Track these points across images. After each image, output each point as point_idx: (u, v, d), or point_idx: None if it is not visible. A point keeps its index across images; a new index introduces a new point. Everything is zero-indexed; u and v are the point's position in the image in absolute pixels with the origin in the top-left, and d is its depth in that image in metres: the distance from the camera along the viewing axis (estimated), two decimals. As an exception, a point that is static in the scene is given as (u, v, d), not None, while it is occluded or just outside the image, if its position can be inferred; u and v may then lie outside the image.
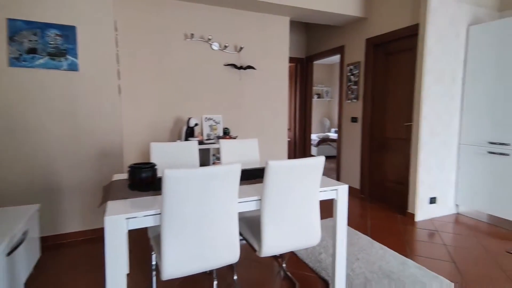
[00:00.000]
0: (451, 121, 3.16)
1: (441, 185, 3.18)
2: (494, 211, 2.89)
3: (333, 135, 7.33)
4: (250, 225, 1.80)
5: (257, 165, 2.37)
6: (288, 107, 5.50)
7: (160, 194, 1.54)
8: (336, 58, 7.03)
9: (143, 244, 2.53)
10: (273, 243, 1.53)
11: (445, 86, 3.07)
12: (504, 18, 2.79)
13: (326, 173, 5.47)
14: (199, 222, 1.32)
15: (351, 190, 4.14)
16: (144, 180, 1.68)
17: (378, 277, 1.99)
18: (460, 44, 3.10)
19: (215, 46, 3.39)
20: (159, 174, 2.01)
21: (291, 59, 5.14)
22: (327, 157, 6.98)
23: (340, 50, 4.39)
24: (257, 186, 1.73)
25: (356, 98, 4.06)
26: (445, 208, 3.24)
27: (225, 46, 3.45)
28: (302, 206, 1.58)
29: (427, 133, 3.03)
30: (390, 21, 3.53)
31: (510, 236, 2.67)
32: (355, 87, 4.08)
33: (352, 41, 4.14)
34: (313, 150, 7.03)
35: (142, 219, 1.31)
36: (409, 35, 3.26)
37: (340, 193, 1.77)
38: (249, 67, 3.54)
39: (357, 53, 4.05)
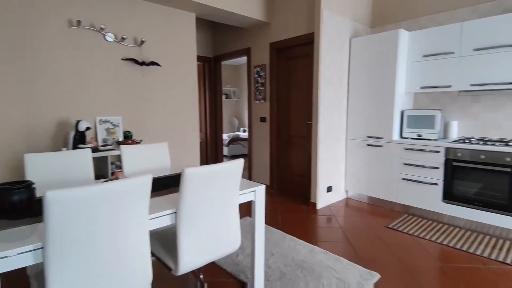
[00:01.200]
0: (341, 119, 3.67)
1: (335, 175, 3.66)
2: (373, 193, 3.52)
3: (243, 134, 7.54)
4: (162, 241, 1.63)
5: (168, 173, 2.17)
6: (198, 107, 5.34)
7: (41, 220, 1.22)
8: (242, 59, 7.24)
9: (19, 284, 1.99)
10: (191, 258, 1.42)
11: (335, 90, 3.53)
12: (373, 34, 3.41)
13: (238, 171, 5.57)
14: (99, 250, 1.09)
15: (262, 187, 4.35)
16: (17, 205, 1.30)
17: (292, 268, 2.13)
18: (345, 53, 3.61)
19: (110, 37, 2.95)
20: (39, 194, 1.60)
21: (199, 58, 5.00)
22: (238, 156, 7.14)
23: (246, 52, 4.51)
24: (170, 197, 1.57)
25: (264, 98, 4.26)
26: (339, 194, 3.76)
27: (123, 38, 3.05)
28: (221, 213, 1.52)
29: (323, 130, 3.43)
30: (290, 27, 3.82)
31: (386, 213, 3.30)
32: (262, 88, 4.27)
33: (257, 44, 4.31)
34: (224, 150, 7.08)
35: (17, 258, 1.00)
36: (306, 42, 3.61)
37: (258, 194, 1.80)
38: (153, 63, 3.24)
39: (263, 55, 4.25)
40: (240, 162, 1.53)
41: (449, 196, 2.90)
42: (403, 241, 2.59)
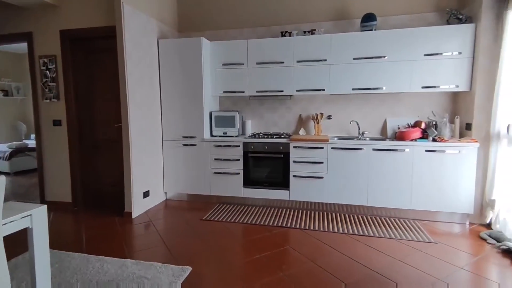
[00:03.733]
0: (155, 120, 3.59)
1: (152, 179, 3.55)
2: (191, 190, 3.70)
3: (33, 142, 5.88)
4: None
5: None
6: None
7: None
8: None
9: None
10: None
11: (146, 90, 3.41)
12: (180, 38, 3.56)
13: (25, 193, 4.31)
14: None
15: (61, 206, 3.56)
16: None
17: (96, 293, 1.84)
18: (153, 53, 3.55)
19: None
20: None
21: None
22: (29, 171, 5.52)
23: (26, 37, 3.52)
24: None
25: (57, 97, 3.48)
26: (157, 198, 3.68)
27: None
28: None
29: (136, 132, 3.23)
30: (85, 16, 3.31)
31: (202, 206, 3.54)
32: (54, 84, 3.47)
33: (43, 29, 3.45)
34: (4, 165, 5.26)
35: None
36: (107, 35, 3.24)
37: (36, 218, 1.41)
38: None
39: (51, 44, 3.44)
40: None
41: (248, 181, 3.50)
42: (214, 229, 2.86)
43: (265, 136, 3.52)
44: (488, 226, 2.83)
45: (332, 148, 3.22)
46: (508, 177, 2.59)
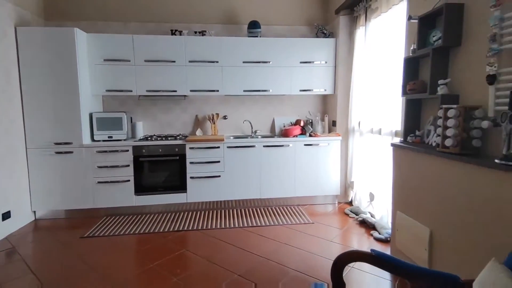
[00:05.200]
0: (15, 125, 2.92)
1: (14, 196, 2.89)
2: (69, 205, 3.17)
3: None
4: None
5: None
6: None
7: None
8: None
9: None
10: None
11: (0, 87, 2.74)
12: (48, 28, 3.01)
13: None
14: None
15: None
16: None
17: None
18: (10, 43, 2.88)
19: None
20: None
21: None
22: None
23: None
24: None
25: None
26: (22, 219, 3.03)
27: None
28: None
29: (-18, 141, 2.55)
30: None
31: (84, 223, 3.09)
32: None
33: None
34: None
35: None
36: None
37: None
38: None
39: None
40: None
41: (140, 188, 3.27)
42: (98, 246, 2.55)
43: (159, 138, 3.35)
44: (350, 203, 3.50)
45: (228, 147, 3.34)
46: (360, 162, 3.27)
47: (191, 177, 3.32)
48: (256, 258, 2.29)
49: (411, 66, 2.20)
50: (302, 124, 3.67)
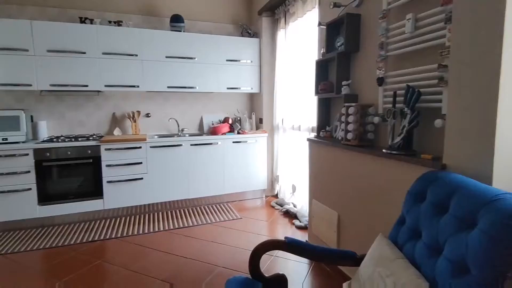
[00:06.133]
0: None
1: None
2: None
3: None
4: None
5: None
6: None
7: None
8: None
9: None
10: None
11: None
12: None
13: None
14: None
15: None
16: None
17: None
18: None
19: None
20: None
21: None
22: None
23: None
24: None
25: None
26: None
27: None
28: None
29: None
30: None
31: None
32: None
33: None
34: None
35: None
36: None
37: None
38: None
39: None
40: None
41: (45, 197, 2.84)
42: (-10, 268, 2.14)
43: (67, 140, 2.96)
44: (276, 196, 3.69)
45: (151, 146, 3.16)
46: (284, 157, 3.47)
47: (109, 182, 3.03)
48: (181, 260, 2.23)
49: (322, 68, 2.42)
50: (230, 121, 3.70)
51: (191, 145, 3.32)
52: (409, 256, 1.09)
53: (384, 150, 1.59)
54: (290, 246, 1.30)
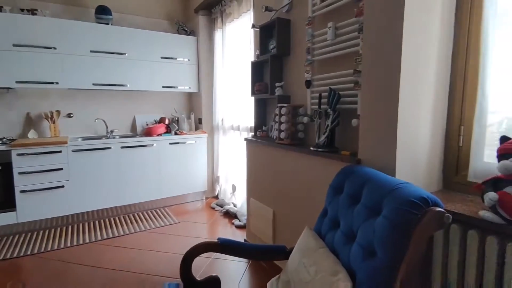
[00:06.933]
0: None
1: None
2: None
3: None
4: None
5: None
6: None
7: None
8: None
9: None
10: None
11: None
12: None
13: None
14: None
15: None
16: None
17: None
18: None
19: None
20: None
21: None
22: None
23: None
24: None
25: None
26: None
27: None
28: None
29: None
30: None
31: None
32: None
33: None
34: None
35: None
36: None
37: None
38: None
39: None
40: None
41: None
42: None
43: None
44: (217, 197, 3.66)
45: (74, 150, 2.83)
46: (224, 157, 3.46)
47: (22, 191, 2.63)
48: (109, 274, 2.05)
49: (257, 69, 2.48)
50: (167, 122, 3.54)
51: (122, 147, 3.08)
52: (330, 245, 1.19)
53: (311, 148, 1.70)
54: (223, 247, 1.29)
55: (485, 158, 1.19)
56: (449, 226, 1.10)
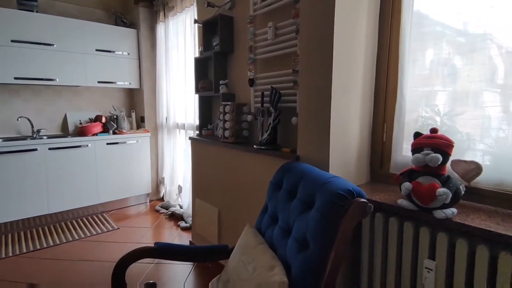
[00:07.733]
0: None
1: None
2: None
3: None
4: None
5: None
6: None
7: None
8: None
9: None
10: None
11: None
12: None
13: None
14: None
15: None
16: None
17: None
18: None
19: None
20: None
21: None
22: None
23: None
24: None
25: None
26: None
27: None
28: None
29: None
30: None
31: None
32: None
33: None
34: None
35: None
36: None
37: None
38: None
39: None
40: None
41: None
42: None
43: None
44: (162, 199, 3.50)
45: (-12, 153, 2.44)
46: (169, 157, 3.32)
47: None
48: (33, 290, 1.81)
49: (201, 66, 2.42)
50: (104, 120, 3.26)
51: (50, 148, 2.75)
52: (269, 241, 1.21)
53: (254, 146, 1.72)
54: (160, 251, 1.23)
55: (404, 152, 1.33)
56: (374, 214, 1.20)
